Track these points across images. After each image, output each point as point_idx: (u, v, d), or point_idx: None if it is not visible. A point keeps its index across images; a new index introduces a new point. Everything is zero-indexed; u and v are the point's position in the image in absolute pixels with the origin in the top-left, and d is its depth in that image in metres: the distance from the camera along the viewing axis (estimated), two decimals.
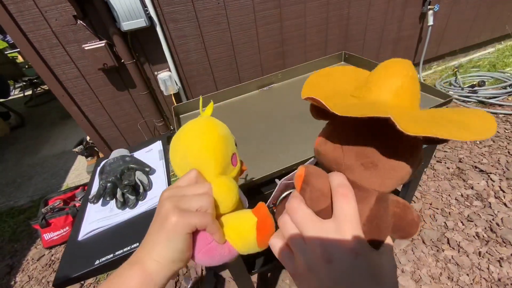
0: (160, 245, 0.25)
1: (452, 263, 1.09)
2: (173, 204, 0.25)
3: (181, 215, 0.25)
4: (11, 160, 2.37)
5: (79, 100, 1.51)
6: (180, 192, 0.27)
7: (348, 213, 0.22)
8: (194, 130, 0.31)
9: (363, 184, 0.23)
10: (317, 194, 0.24)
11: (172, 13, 1.42)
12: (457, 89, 2.15)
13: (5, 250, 1.52)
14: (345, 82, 0.28)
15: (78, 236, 0.56)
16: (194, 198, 0.26)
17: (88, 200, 0.62)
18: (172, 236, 0.24)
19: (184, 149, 0.31)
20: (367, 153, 0.22)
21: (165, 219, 0.25)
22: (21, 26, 1.24)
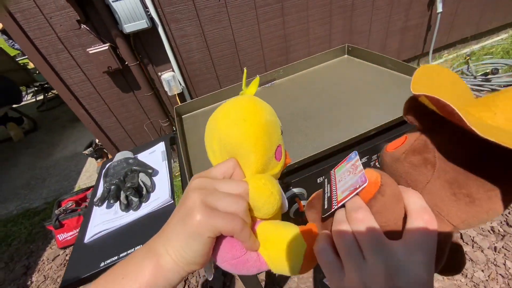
0: (177, 242, 0.22)
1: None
2: (201, 199, 0.22)
3: (208, 215, 0.21)
4: (25, 163, 2.46)
5: (86, 104, 1.54)
6: (212, 185, 0.23)
7: (427, 242, 0.19)
8: (234, 113, 0.26)
9: (444, 215, 0.20)
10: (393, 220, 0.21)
11: (173, 13, 1.42)
12: (470, 78, 2.06)
13: (21, 251, 1.58)
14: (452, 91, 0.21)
15: (85, 239, 0.57)
16: (226, 198, 0.23)
17: (94, 203, 0.63)
18: (193, 235, 0.21)
19: (221, 135, 0.26)
20: (467, 184, 0.19)
21: (189, 214, 0.22)
22: (28, 33, 1.27)
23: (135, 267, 0.22)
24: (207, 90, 1.76)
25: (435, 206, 0.20)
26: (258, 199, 0.24)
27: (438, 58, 2.50)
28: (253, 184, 0.24)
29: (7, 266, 1.52)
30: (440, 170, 0.20)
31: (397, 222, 0.20)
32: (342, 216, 0.22)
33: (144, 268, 0.22)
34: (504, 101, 0.18)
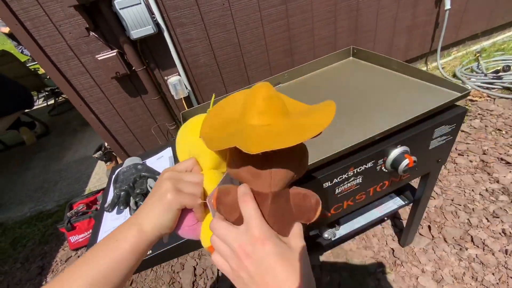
0: (156, 213, 0.32)
1: (476, 262, 1.03)
2: (172, 185, 0.32)
3: (177, 194, 0.32)
4: (38, 167, 2.53)
5: (96, 108, 1.58)
6: (178, 176, 0.34)
7: (250, 214, 0.27)
8: (197, 124, 0.37)
9: (258, 189, 0.29)
10: (228, 208, 0.30)
11: (178, 17, 1.44)
12: (480, 76, 2.02)
13: (36, 252, 1.63)
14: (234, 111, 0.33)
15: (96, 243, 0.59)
16: (188, 184, 0.34)
17: (104, 208, 0.65)
18: (167, 208, 0.32)
19: (188, 138, 0.37)
20: (251, 167, 0.29)
21: (164, 195, 0.32)
22: (38, 41, 1.31)
23: (124, 234, 0.32)
24: (213, 93, 1.78)
25: (253, 187, 0.29)
26: (208, 186, 0.35)
27: (446, 56, 2.45)
28: (206, 176, 0.35)
29: (23, 266, 1.57)
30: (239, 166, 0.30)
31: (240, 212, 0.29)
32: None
33: (130, 233, 0.31)
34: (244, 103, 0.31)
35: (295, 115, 0.30)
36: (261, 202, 0.29)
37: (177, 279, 1.27)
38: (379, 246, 1.19)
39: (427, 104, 0.63)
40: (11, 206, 2.10)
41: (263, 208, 0.29)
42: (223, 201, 0.30)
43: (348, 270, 1.13)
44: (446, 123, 0.63)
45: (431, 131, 0.63)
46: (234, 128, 0.30)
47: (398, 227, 1.24)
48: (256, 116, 0.28)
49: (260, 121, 0.28)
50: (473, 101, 1.87)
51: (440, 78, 0.69)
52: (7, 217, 1.99)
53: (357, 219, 0.92)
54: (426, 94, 0.68)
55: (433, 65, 2.39)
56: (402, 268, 1.08)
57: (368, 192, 0.70)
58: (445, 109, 0.64)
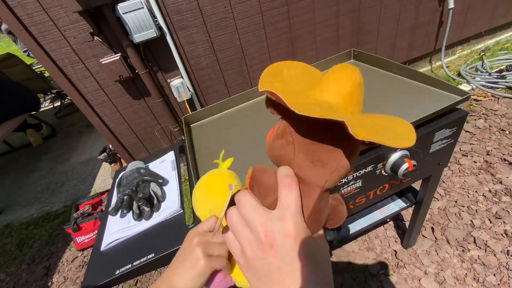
0: (190, 280, 0.34)
1: (478, 263, 1.03)
2: (203, 251, 0.34)
3: (209, 261, 0.34)
4: (45, 168, 2.57)
5: (100, 111, 1.60)
6: (206, 240, 0.36)
7: (289, 202, 0.24)
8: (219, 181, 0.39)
9: (310, 180, 0.25)
10: (264, 189, 0.26)
11: (180, 21, 1.46)
12: (484, 75, 2.00)
13: (42, 253, 1.66)
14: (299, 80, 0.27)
15: (101, 247, 0.60)
16: (216, 247, 0.35)
17: (108, 212, 0.66)
18: (200, 274, 0.34)
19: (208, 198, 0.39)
20: (317, 151, 0.24)
21: (197, 261, 0.34)
22: (44, 47, 1.33)
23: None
24: (216, 95, 1.79)
25: (303, 175, 0.25)
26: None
27: (451, 55, 2.43)
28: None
29: (29, 267, 1.61)
30: (298, 146, 0.25)
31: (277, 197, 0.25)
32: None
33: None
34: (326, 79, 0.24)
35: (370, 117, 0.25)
36: (306, 194, 0.25)
37: None
38: (381, 248, 1.19)
39: (427, 107, 0.63)
40: (18, 208, 2.14)
41: (308, 201, 0.25)
42: (259, 180, 0.26)
43: (350, 271, 1.13)
44: (446, 126, 0.63)
45: (431, 135, 0.63)
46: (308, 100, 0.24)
47: (400, 229, 1.24)
48: (342, 99, 0.23)
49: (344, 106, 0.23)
50: (478, 100, 1.85)
51: (440, 81, 0.69)
52: (13, 219, 2.03)
53: (359, 221, 0.93)
54: (426, 97, 0.69)
55: (438, 64, 2.37)
56: (405, 270, 1.08)
57: (368, 196, 0.70)
58: (446, 113, 0.64)
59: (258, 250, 0.24)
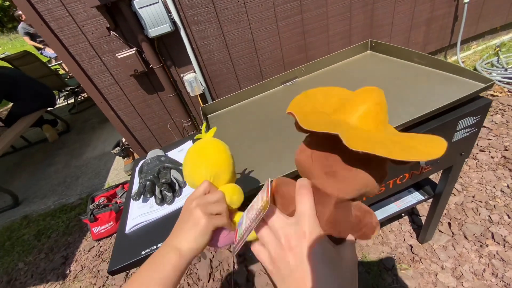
0: (193, 238, 0.36)
1: (496, 259, 1.01)
2: (203, 211, 0.36)
3: (210, 220, 0.36)
4: (60, 162, 2.64)
5: (115, 105, 1.64)
6: (204, 200, 0.38)
7: (304, 209, 0.27)
8: (208, 147, 0.41)
9: (325, 190, 0.28)
10: (287, 199, 0.29)
11: (194, 15, 1.47)
12: (501, 71, 1.94)
13: (60, 242, 1.71)
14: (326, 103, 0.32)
15: (125, 229, 0.62)
16: (215, 205, 0.37)
17: (131, 197, 0.68)
18: (203, 233, 0.36)
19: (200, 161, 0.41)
20: (330, 163, 0.27)
21: (198, 221, 0.36)
22: (63, 41, 1.37)
23: (165, 258, 0.35)
24: (227, 90, 1.80)
25: (320, 185, 0.28)
26: (230, 198, 0.40)
27: (466, 50, 2.37)
28: (225, 190, 0.40)
29: (47, 256, 1.66)
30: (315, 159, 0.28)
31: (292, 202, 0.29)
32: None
33: (171, 257, 0.35)
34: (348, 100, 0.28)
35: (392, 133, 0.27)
36: (322, 203, 0.28)
37: (194, 271, 1.31)
38: (396, 242, 1.17)
39: (450, 95, 0.63)
40: (35, 200, 2.21)
41: (323, 210, 0.27)
42: (281, 192, 0.30)
43: (365, 265, 1.13)
44: (470, 114, 0.62)
45: (455, 123, 0.62)
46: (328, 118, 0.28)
47: (416, 224, 1.22)
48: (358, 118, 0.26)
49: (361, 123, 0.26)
50: (494, 96, 1.80)
51: (463, 68, 0.67)
52: (31, 210, 2.10)
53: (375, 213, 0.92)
54: (449, 85, 0.67)
55: (453, 59, 2.32)
56: (421, 265, 1.07)
57: (387, 185, 0.70)
58: (469, 101, 0.63)
59: (280, 251, 0.26)
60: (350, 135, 0.22)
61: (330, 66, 0.99)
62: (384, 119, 0.27)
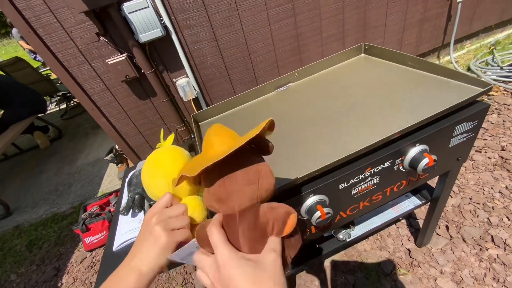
0: (153, 257, 0.34)
1: (497, 263, 0.99)
2: (163, 227, 0.35)
3: (170, 236, 0.35)
4: (52, 169, 2.59)
5: (107, 112, 1.60)
6: (164, 215, 0.36)
7: (214, 242, 0.30)
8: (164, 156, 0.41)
9: (226, 213, 0.32)
10: (206, 241, 0.32)
11: (185, 20, 1.45)
12: (496, 69, 1.95)
13: (51, 253, 1.67)
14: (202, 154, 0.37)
15: (113, 247, 0.59)
16: (176, 220, 0.36)
17: (119, 212, 0.65)
18: (164, 251, 0.34)
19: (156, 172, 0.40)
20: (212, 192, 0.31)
21: (158, 239, 0.34)
22: (51, 48, 1.33)
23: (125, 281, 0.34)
24: (221, 94, 1.78)
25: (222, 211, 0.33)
26: (191, 213, 0.38)
27: (460, 49, 2.38)
28: (188, 203, 0.38)
29: (39, 268, 1.61)
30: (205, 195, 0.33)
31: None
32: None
33: (131, 278, 0.34)
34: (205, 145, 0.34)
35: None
36: (231, 225, 0.31)
37: (190, 280, 1.28)
38: (394, 247, 1.16)
39: (446, 100, 0.61)
40: (27, 209, 2.16)
41: (233, 230, 0.31)
42: (200, 235, 0.33)
43: (363, 270, 1.11)
44: (468, 119, 0.61)
45: (451, 128, 0.61)
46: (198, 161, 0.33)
47: (413, 227, 1.21)
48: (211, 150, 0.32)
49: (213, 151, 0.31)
50: (490, 95, 1.80)
51: (459, 72, 0.66)
52: (23, 220, 2.05)
53: (373, 219, 0.90)
54: (444, 89, 0.66)
55: (446, 59, 2.33)
56: (420, 269, 1.05)
57: (385, 192, 0.68)
58: (466, 105, 0.61)
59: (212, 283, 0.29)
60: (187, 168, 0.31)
61: (324, 70, 0.97)
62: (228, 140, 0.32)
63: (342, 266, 1.14)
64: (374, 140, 0.55)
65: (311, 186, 0.55)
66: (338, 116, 0.71)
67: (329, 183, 0.56)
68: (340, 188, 0.58)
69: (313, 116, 0.75)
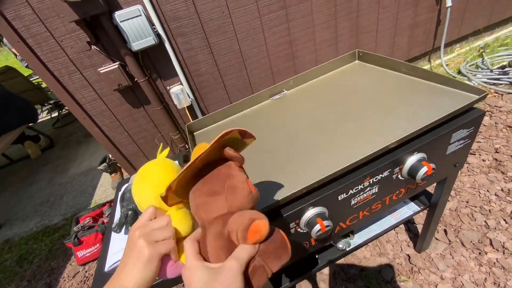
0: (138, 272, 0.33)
1: (497, 267, 0.99)
2: (146, 240, 0.34)
3: (153, 248, 0.33)
4: (44, 180, 2.53)
5: (99, 121, 1.57)
6: (148, 228, 0.35)
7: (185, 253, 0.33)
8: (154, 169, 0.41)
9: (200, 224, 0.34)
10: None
11: (178, 27, 1.44)
12: (486, 72, 1.98)
13: (43, 268, 1.61)
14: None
15: (105, 267, 0.57)
16: (160, 231, 0.35)
17: (112, 228, 0.63)
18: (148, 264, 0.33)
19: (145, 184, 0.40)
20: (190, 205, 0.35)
21: (141, 252, 0.33)
22: (41, 57, 1.31)
23: None
24: (216, 101, 1.77)
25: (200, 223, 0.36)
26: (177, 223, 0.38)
27: (450, 53, 2.42)
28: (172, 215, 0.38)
29: (30, 284, 1.55)
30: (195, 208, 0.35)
31: None
32: None
33: None
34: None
35: None
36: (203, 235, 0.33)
37: None
38: (394, 253, 1.15)
39: (443, 107, 0.61)
40: (17, 222, 2.09)
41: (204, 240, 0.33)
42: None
43: (363, 278, 1.09)
44: (464, 126, 0.60)
45: (448, 136, 0.60)
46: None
47: (412, 232, 1.20)
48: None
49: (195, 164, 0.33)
50: None
51: (454, 80, 0.66)
52: (13, 233, 1.98)
53: (372, 227, 0.89)
54: (440, 97, 0.66)
55: (437, 62, 2.36)
56: (420, 276, 1.04)
57: (384, 201, 0.67)
58: (462, 113, 0.61)
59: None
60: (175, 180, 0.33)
61: (318, 77, 0.97)
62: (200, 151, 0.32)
63: (343, 274, 1.13)
64: (373, 149, 0.54)
65: (309, 199, 0.54)
66: (334, 125, 0.70)
67: (328, 194, 0.54)
68: (339, 199, 0.57)
69: (309, 125, 0.74)
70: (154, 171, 0.41)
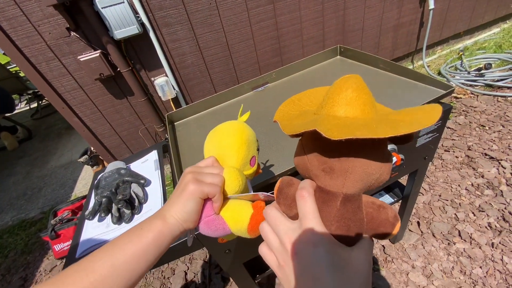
0: (179, 205, 0.33)
1: (464, 256, 1.05)
2: (193, 176, 0.34)
3: (198, 184, 0.33)
4: (21, 173, 2.43)
5: (80, 111, 1.53)
6: (199, 169, 0.36)
7: (305, 211, 0.26)
8: (228, 129, 0.40)
9: (328, 188, 0.26)
10: (290, 200, 0.28)
11: (164, 17, 1.41)
12: (464, 73, 2.07)
13: (18, 262, 1.56)
14: (311, 103, 0.33)
15: (76, 253, 0.56)
16: (209, 175, 0.35)
17: (84, 216, 0.62)
18: (189, 198, 0.33)
19: (216, 141, 0.40)
20: (325, 159, 0.25)
21: (186, 186, 0.33)
22: (16, 42, 1.25)
23: (149, 224, 0.33)
24: (202, 94, 1.75)
25: (322, 184, 0.26)
26: (228, 177, 0.36)
27: (431, 54, 2.51)
28: (226, 170, 0.37)
29: (4, 278, 1.50)
30: (310, 159, 0.27)
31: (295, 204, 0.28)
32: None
33: (155, 224, 0.32)
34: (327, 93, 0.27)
35: (384, 113, 0.26)
36: (327, 202, 0.26)
37: (168, 285, 1.24)
38: None
39: (413, 101, 0.64)
40: None
41: (329, 210, 0.26)
42: (284, 192, 0.29)
43: None
44: None
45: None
46: (313, 117, 0.27)
47: None
48: (343, 107, 0.25)
49: (346, 112, 0.24)
50: (458, 98, 1.91)
51: (425, 76, 0.69)
52: None
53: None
54: (412, 92, 0.69)
55: (419, 63, 2.44)
56: (393, 265, 1.09)
57: None
58: None
59: (286, 258, 0.26)
60: (329, 126, 0.21)
61: (301, 71, 0.98)
62: (368, 102, 0.25)
63: None
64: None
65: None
66: None
67: None
68: None
69: None
70: (222, 130, 0.40)
